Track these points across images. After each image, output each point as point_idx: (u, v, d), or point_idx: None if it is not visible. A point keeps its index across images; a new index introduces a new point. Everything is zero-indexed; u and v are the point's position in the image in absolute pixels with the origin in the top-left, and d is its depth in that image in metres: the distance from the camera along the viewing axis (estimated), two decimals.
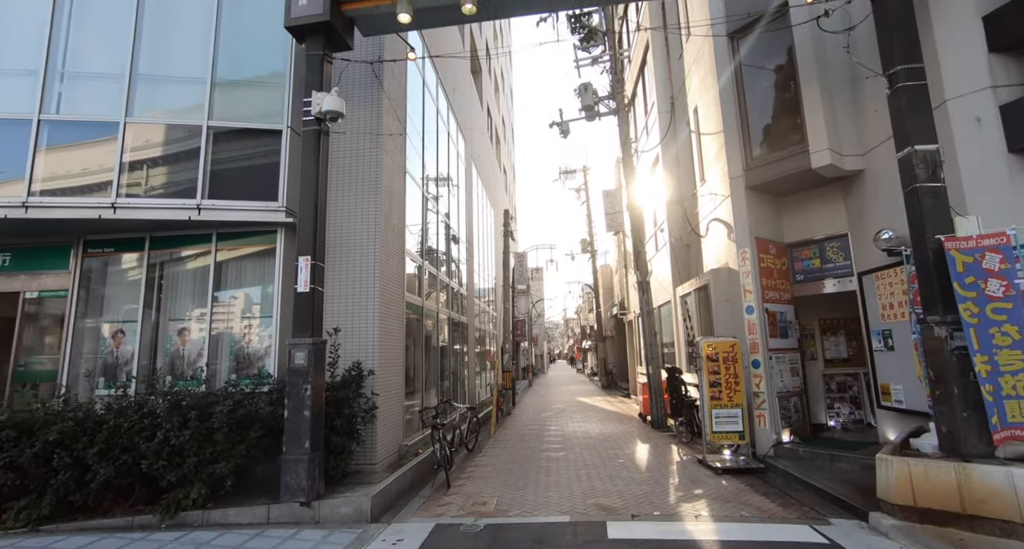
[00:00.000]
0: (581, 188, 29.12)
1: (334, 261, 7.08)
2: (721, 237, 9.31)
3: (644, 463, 7.68)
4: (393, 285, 7.65)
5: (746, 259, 7.78)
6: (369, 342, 6.88)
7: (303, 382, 5.40)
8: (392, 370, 7.44)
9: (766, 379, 7.39)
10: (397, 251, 8.00)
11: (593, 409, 15.79)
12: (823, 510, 5.17)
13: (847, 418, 8.65)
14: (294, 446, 5.30)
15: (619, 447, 9.06)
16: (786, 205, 8.35)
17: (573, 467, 7.56)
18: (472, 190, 16.49)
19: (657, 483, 6.46)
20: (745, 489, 6.06)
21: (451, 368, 12.76)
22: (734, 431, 7.19)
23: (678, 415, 9.53)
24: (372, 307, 6.97)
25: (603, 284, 27.35)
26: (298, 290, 5.63)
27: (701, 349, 7.43)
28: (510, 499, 5.99)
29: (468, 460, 8.49)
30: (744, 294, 7.77)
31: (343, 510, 5.29)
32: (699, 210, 10.75)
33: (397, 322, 7.79)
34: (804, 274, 8.14)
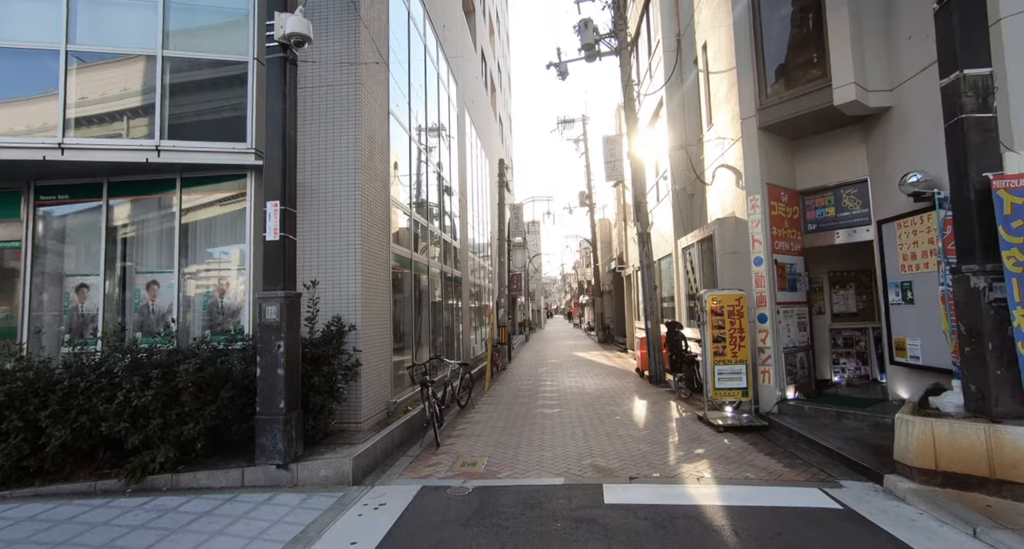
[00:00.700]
0: (580, 139, 28.11)
1: (310, 208, 6.54)
2: (728, 185, 8.74)
3: (642, 420, 7.41)
4: (377, 235, 7.14)
5: (756, 207, 7.25)
6: (351, 295, 6.43)
7: (275, 338, 4.97)
8: (377, 325, 7.03)
9: (773, 334, 7.01)
10: (381, 199, 7.43)
11: (589, 364, 15.61)
12: (832, 471, 4.87)
13: (852, 374, 8.36)
14: (268, 406, 4.93)
15: (616, 403, 8.80)
16: (800, 149, 7.75)
17: (569, 424, 7.29)
18: (465, 138, 15.70)
19: (656, 442, 6.17)
20: (749, 448, 5.77)
21: (445, 324, 12.41)
22: (737, 388, 6.87)
23: (677, 371, 9.24)
24: (353, 258, 6.48)
25: (601, 238, 26.80)
26: (267, 238, 5.11)
27: (705, 302, 7.01)
28: (502, 459, 5.70)
29: (460, 417, 8.22)
30: (752, 244, 7.28)
31: (323, 472, 4.98)
32: (705, 157, 10.11)
33: (383, 275, 7.32)
34: (816, 223, 7.63)
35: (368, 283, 6.69)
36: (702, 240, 9.58)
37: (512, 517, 4.04)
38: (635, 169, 11.63)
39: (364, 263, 6.59)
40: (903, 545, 3.37)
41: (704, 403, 7.14)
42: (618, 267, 20.95)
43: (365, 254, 6.62)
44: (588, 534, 3.67)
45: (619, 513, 4.03)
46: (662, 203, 12.73)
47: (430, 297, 10.94)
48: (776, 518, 3.85)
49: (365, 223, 6.66)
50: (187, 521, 3.99)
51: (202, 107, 6.33)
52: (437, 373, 9.75)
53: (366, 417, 6.47)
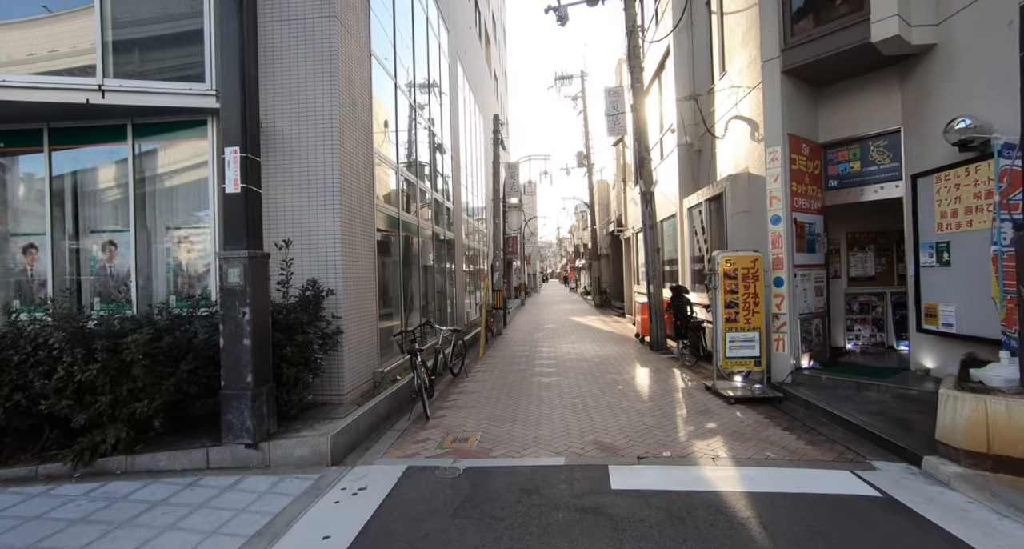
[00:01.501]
0: (578, 96, 26.95)
1: (281, 160, 5.86)
2: (742, 138, 8.05)
3: (646, 390, 6.96)
4: (360, 191, 6.47)
5: (776, 160, 6.60)
6: (330, 257, 5.83)
7: (239, 304, 4.39)
8: (361, 289, 6.45)
9: (789, 299, 6.49)
10: (364, 151, 6.73)
11: (587, 329, 15.20)
12: (860, 449, 4.42)
13: (867, 341, 7.91)
14: (234, 380, 4.40)
15: (617, 371, 8.35)
16: (825, 97, 7.03)
17: (568, 395, 6.83)
18: (458, 92, 14.76)
19: (663, 414, 5.72)
20: (764, 422, 5.33)
21: (438, 288, 11.86)
22: (750, 357, 6.39)
23: (682, 337, 8.77)
24: (332, 216, 5.84)
25: (599, 200, 26.04)
26: (227, 191, 4.46)
27: (717, 265, 6.45)
28: (496, 434, 5.24)
29: (452, 386, 7.77)
30: (770, 202, 6.67)
31: (298, 452, 4.49)
32: (715, 109, 9.36)
33: (367, 235, 6.69)
34: (839, 179, 7.00)
35: (349, 243, 6.08)
36: (711, 199, 8.94)
37: (507, 505, 3.57)
38: (638, 123, 10.86)
39: (344, 221, 5.96)
40: (959, 543, 2.92)
41: (713, 372, 6.67)
42: (617, 230, 20.32)
43: (345, 211, 5.98)
44: (594, 528, 3.21)
45: (628, 501, 3.56)
46: (666, 161, 12.01)
47: (421, 260, 10.35)
48: (808, 507, 3.39)
49: (345, 177, 5.99)
50: (136, 512, 3.50)
51: (154, 43, 5.55)
52: (428, 340, 9.27)
53: (349, 388, 5.97)
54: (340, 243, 5.85)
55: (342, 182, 5.92)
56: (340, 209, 5.86)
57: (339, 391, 5.86)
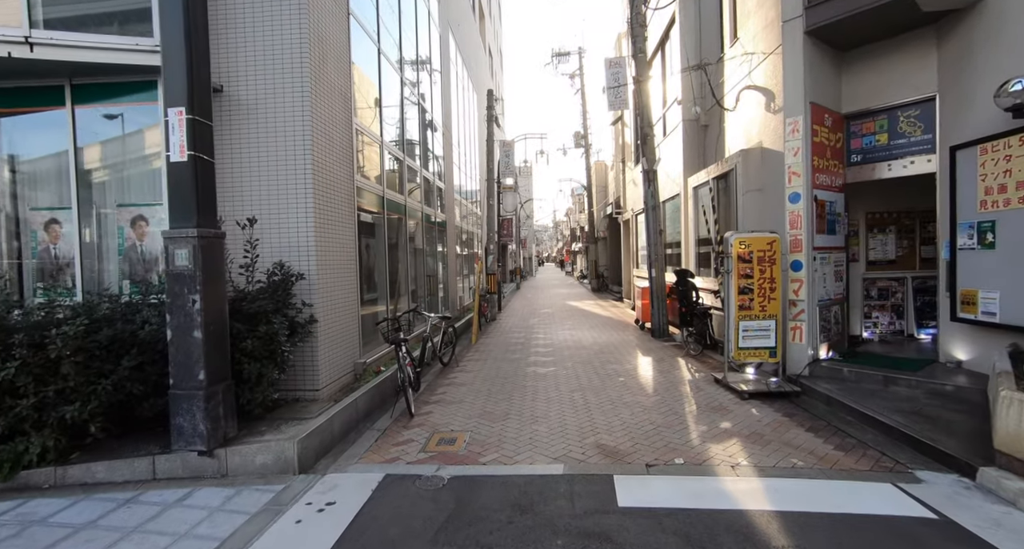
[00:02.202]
0: (575, 74, 26.07)
1: (245, 128, 5.22)
2: (755, 110, 7.42)
3: (650, 383, 6.43)
4: (337, 165, 5.84)
5: (796, 132, 5.99)
6: (302, 237, 5.22)
7: (189, 291, 3.79)
8: (340, 273, 5.86)
9: (808, 284, 5.94)
10: (342, 120, 6.07)
11: (584, 314, 14.67)
12: (898, 455, 3.91)
13: (885, 329, 7.39)
14: (184, 378, 3.82)
15: (618, 361, 7.83)
16: (848, 63, 6.40)
17: (566, 388, 6.30)
18: (450, 65, 13.99)
19: (671, 411, 5.20)
20: (784, 421, 4.81)
21: (428, 272, 11.27)
22: (764, 347, 5.86)
23: (687, 325, 8.24)
24: (303, 191, 5.22)
25: (597, 182, 25.36)
26: (171, 159, 3.83)
27: (731, 247, 5.88)
28: (486, 435, 4.70)
29: (442, 377, 7.22)
30: (788, 178, 6.07)
31: (260, 459, 3.94)
32: (725, 79, 8.70)
33: (346, 213, 6.07)
34: (862, 154, 6.40)
35: (325, 222, 5.46)
36: (719, 176, 8.34)
37: (496, 527, 3.04)
38: (641, 96, 10.18)
39: (319, 198, 5.33)
40: None
41: (724, 363, 6.14)
42: (615, 212, 19.71)
43: (320, 186, 5.35)
44: None
45: (639, 523, 3.03)
46: (669, 138, 11.36)
47: (410, 242, 9.73)
48: (852, 533, 2.87)
49: (319, 148, 5.35)
50: (50, 542, 2.94)
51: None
52: (415, 328, 8.72)
53: (325, 383, 5.41)
54: (314, 222, 5.24)
55: (315, 154, 5.28)
56: (313, 184, 5.24)
57: (314, 386, 5.30)
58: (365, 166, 7.43)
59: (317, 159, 5.34)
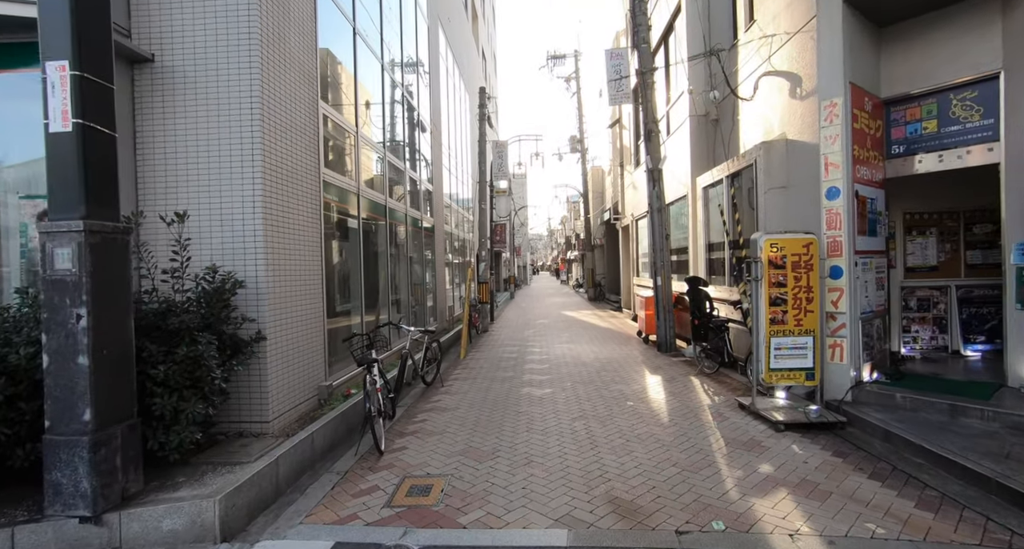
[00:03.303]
0: (571, 77, 25.37)
1: (180, 105, 4.34)
2: (777, 97, 6.60)
3: (664, 409, 5.52)
4: (297, 152, 4.94)
5: (834, 117, 5.15)
6: (247, 238, 4.32)
7: (72, 303, 2.87)
8: (298, 280, 4.94)
9: (849, 294, 5.07)
10: (303, 104, 5.19)
11: (582, 325, 13.77)
12: (1008, 519, 3.00)
13: (926, 345, 6.53)
14: (64, 419, 2.88)
15: (624, 381, 6.91)
16: (887, 41, 5.60)
17: (566, 415, 5.39)
18: (440, 61, 13.18)
19: (695, 448, 4.29)
20: (837, 463, 3.90)
21: (415, 280, 10.35)
22: (800, 369, 4.97)
23: (700, 339, 7.35)
24: (249, 182, 4.32)
25: (593, 188, 24.58)
26: (50, 129, 2.91)
27: (760, 250, 5.01)
28: (470, 481, 3.78)
29: (423, 400, 6.29)
30: (824, 170, 5.23)
31: (169, 523, 2.99)
32: (739, 68, 7.90)
33: (308, 211, 5.17)
34: (905, 144, 5.57)
35: (279, 220, 4.55)
36: (735, 174, 7.50)
37: None
38: (645, 88, 9.37)
39: (271, 190, 4.43)
40: None
41: (752, 386, 5.23)
42: (613, 218, 18.89)
43: (273, 176, 4.45)
44: None
45: None
46: (674, 136, 10.55)
47: (393, 247, 8.83)
48: None
49: (272, 132, 4.45)
50: None
51: None
52: (392, 344, 7.78)
53: (277, 413, 4.47)
54: (263, 218, 4.33)
55: (267, 138, 4.38)
56: (263, 173, 4.33)
57: (261, 417, 4.36)
58: (337, 159, 6.54)
59: (269, 144, 4.45)
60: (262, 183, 4.33)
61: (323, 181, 5.68)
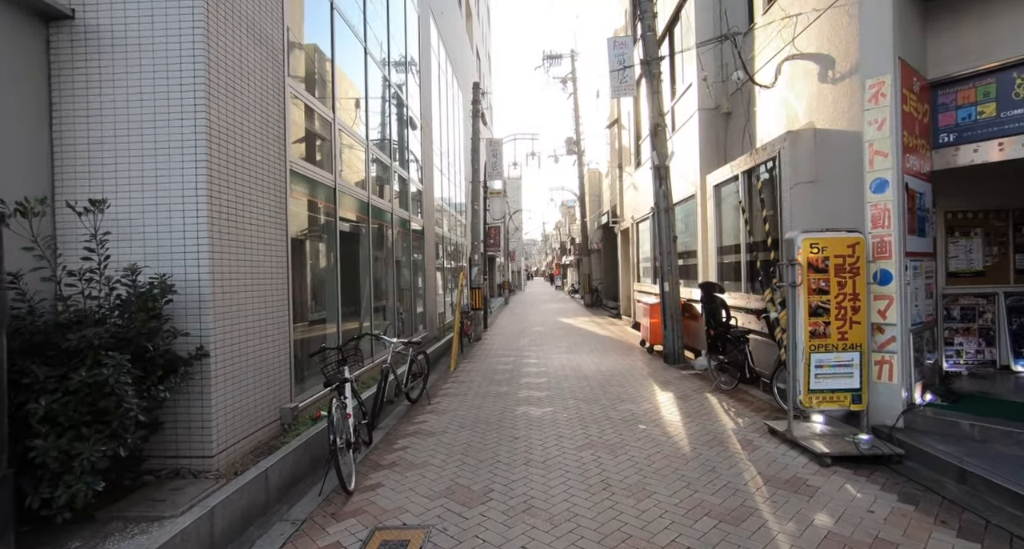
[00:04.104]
0: (568, 78, 24.78)
1: (106, 71, 3.61)
2: (803, 83, 5.93)
3: (683, 434, 4.78)
4: (256, 137, 4.20)
5: (882, 97, 4.46)
6: (188, 233, 3.57)
7: None
8: (255, 285, 4.18)
9: (900, 302, 4.36)
10: (265, 78, 4.44)
11: (580, 333, 13.03)
12: None
13: (971, 359, 5.84)
14: None
15: (631, 398, 6.18)
16: (936, 14, 4.92)
17: (570, 442, 4.63)
18: (431, 55, 12.48)
19: (730, 488, 3.55)
20: (906, 511, 3.17)
21: (402, 286, 9.60)
22: (846, 389, 4.25)
23: (716, 351, 6.63)
24: (191, 166, 3.57)
25: (590, 190, 23.93)
26: None
27: (797, 251, 4.29)
28: (456, 538, 3.02)
29: (406, 421, 5.52)
30: (870, 159, 4.53)
31: None
32: (756, 54, 7.23)
33: (268, 205, 4.41)
34: (956, 132, 4.88)
35: (229, 212, 3.80)
36: (752, 169, 6.81)
37: None
38: (651, 79, 8.69)
39: (218, 176, 3.68)
40: None
41: (788, 410, 4.49)
42: (611, 221, 18.22)
43: (221, 160, 3.70)
44: None
45: None
46: (681, 131, 9.88)
47: (377, 249, 8.09)
48: None
49: (222, 106, 3.70)
50: None
51: None
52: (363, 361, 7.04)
53: (224, 445, 3.70)
54: (207, 210, 3.58)
55: (215, 115, 3.63)
56: (210, 155, 3.58)
57: (203, 451, 3.59)
58: (309, 149, 5.80)
59: (218, 123, 3.70)
60: (207, 168, 3.58)
61: (290, 171, 4.93)
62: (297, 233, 5.39)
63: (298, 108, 5.35)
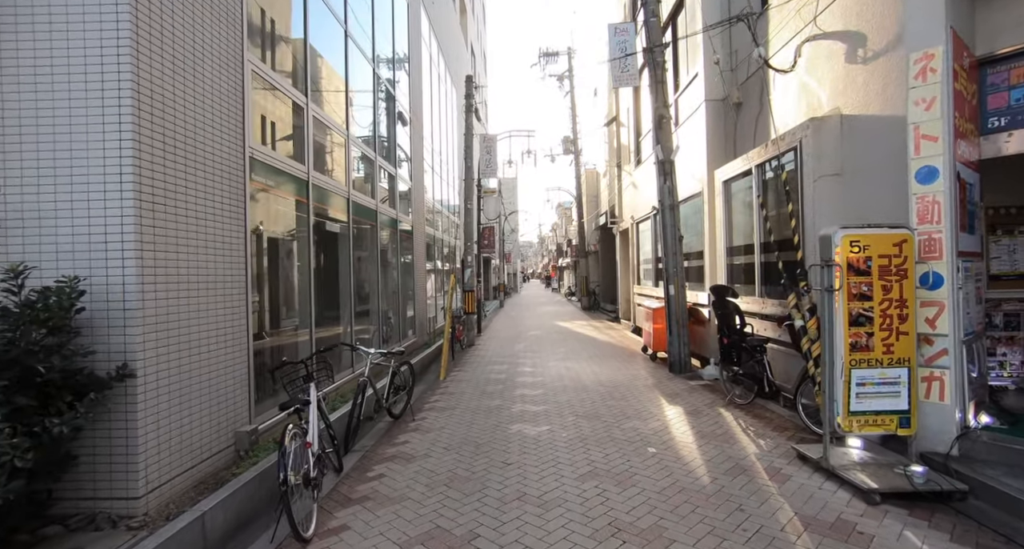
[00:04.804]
0: (564, 75, 24.21)
1: (3, 29, 2.96)
2: (827, 65, 5.36)
3: (700, 461, 4.17)
4: (202, 112, 3.57)
5: (931, 72, 3.88)
6: (110, 227, 2.95)
7: None
8: (201, 289, 3.55)
9: (952, 309, 3.77)
10: (220, 45, 3.82)
11: (578, 338, 12.42)
12: None
13: (1017, 372, 5.24)
14: None
15: (637, 413, 5.56)
16: None
17: (570, 470, 4.02)
18: (421, 45, 11.87)
19: (765, 538, 2.93)
20: None
21: (389, 289, 8.98)
22: (892, 411, 3.65)
23: (729, 362, 6.02)
24: (114, 142, 2.96)
25: (587, 191, 23.36)
26: None
27: (836, 247, 3.70)
28: None
29: (385, 442, 4.90)
30: (916, 144, 3.94)
31: None
32: (771, 37, 6.66)
33: (221, 195, 3.79)
34: (1008, 116, 4.30)
35: (165, 201, 3.17)
36: (768, 162, 6.23)
37: None
38: (655, 69, 8.12)
39: (151, 155, 3.05)
40: None
41: (824, 435, 3.87)
42: (609, 221, 17.63)
43: (155, 137, 3.07)
44: None
45: None
46: (686, 125, 9.30)
47: (359, 249, 7.47)
48: None
49: (157, 72, 3.07)
50: None
51: None
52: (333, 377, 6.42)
53: (156, 482, 3.07)
54: (136, 197, 2.95)
55: (144, 75, 3.00)
56: (137, 123, 2.96)
57: (127, 491, 2.95)
58: (276, 135, 5.17)
59: (149, 89, 3.07)
60: (135, 144, 2.95)
61: (251, 159, 4.31)
62: (263, 230, 4.77)
63: (262, 88, 4.73)
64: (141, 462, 2.97)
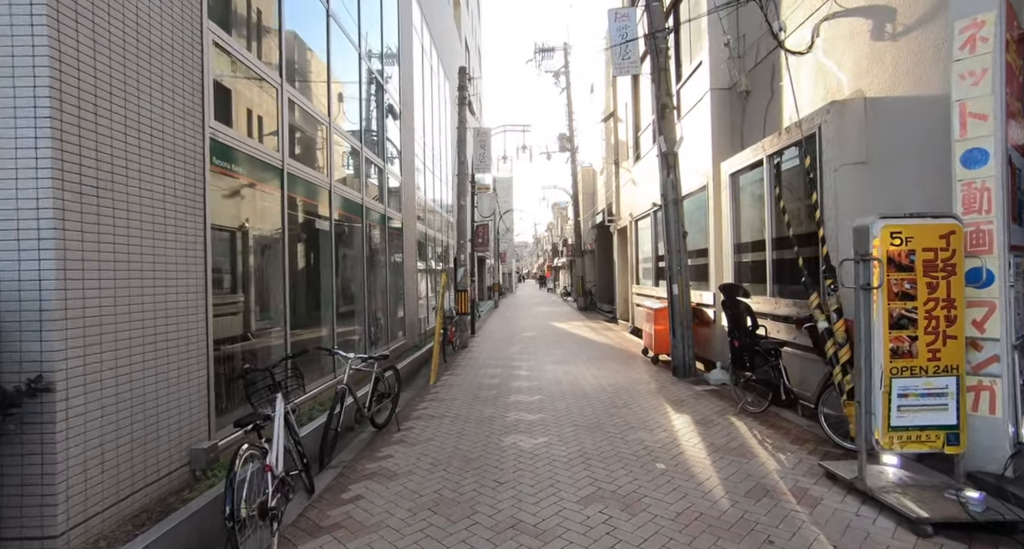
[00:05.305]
0: (560, 71, 23.76)
1: None
2: (848, 44, 4.93)
3: (716, 480, 3.71)
4: (148, 83, 3.07)
5: (981, 41, 3.43)
6: (24, 211, 2.45)
7: None
8: (147, 286, 3.05)
9: (1003, 310, 3.32)
10: (175, 12, 3.32)
11: (575, 339, 11.96)
12: None
13: None
14: None
15: (643, 424, 5.10)
16: None
17: (571, 492, 3.55)
18: (411, 34, 11.38)
19: None
20: None
21: (377, 289, 8.49)
22: (938, 427, 3.20)
23: (740, 366, 5.57)
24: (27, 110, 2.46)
25: (583, 189, 22.93)
26: None
27: (873, 239, 3.24)
28: None
29: (366, 457, 4.41)
30: (962, 123, 3.48)
31: None
32: (784, 18, 6.22)
33: (173, 179, 3.29)
34: None
35: (98, 183, 2.67)
36: (779, 152, 5.79)
37: None
38: (657, 55, 7.67)
39: (73, 124, 2.55)
40: None
41: (860, 453, 3.41)
42: (607, 220, 17.18)
43: (78, 101, 2.57)
44: None
45: None
46: (689, 116, 8.85)
47: (342, 246, 6.98)
48: None
49: (83, 31, 2.58)
50: None
51: None
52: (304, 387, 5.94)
53: (83, 516, 2.58)
54: (56, 174, 2.46)
55: (69, 41, 2.51)
56: (59, 87, 2.46)
57: (43, 529, 2.46)
58: (242, 115, 4.68)
59: (72, 47, 2.58)
60: (56, 111, 2.46)
61: (211, 140, 3.82)
62: (227, 222, 4.28)
63: (226, 63, 4.24)
64: (61, 493, 2.48)
